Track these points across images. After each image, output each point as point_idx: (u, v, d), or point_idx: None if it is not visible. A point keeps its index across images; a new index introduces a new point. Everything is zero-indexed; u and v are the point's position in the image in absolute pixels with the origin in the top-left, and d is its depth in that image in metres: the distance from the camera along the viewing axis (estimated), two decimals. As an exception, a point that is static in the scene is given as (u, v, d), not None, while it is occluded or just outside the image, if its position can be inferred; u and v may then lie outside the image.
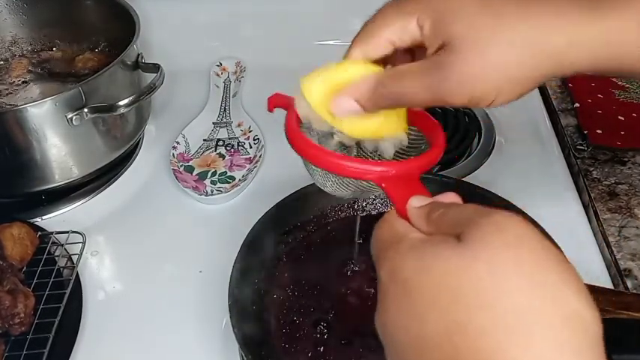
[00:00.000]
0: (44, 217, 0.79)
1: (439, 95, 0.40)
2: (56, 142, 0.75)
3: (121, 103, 0.75)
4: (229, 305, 0.58)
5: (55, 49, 0.96)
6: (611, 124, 0.86)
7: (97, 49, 0.94)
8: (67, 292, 0.66)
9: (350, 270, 0.64)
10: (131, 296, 0.71)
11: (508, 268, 0.29)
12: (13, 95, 0.89)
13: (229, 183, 0.82)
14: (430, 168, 0.44)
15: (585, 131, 0.84)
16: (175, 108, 0.97)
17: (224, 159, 0.87)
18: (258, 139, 0.88)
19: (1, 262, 0.65)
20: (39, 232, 0.72)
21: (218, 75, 1.01)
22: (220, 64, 1.03)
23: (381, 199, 0.72)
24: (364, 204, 0.72)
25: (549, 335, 0.27)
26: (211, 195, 0.81)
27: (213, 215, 0.79)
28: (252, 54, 1.03)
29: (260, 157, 0.85)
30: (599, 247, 0.72)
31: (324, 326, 0.59)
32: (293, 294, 0.63)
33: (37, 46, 0.96)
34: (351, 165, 0.42)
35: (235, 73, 1.02)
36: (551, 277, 0.29)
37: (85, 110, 0.73)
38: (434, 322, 0.29)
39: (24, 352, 0.60)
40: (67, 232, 0.73)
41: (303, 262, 0.66)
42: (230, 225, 0.75)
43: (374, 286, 0.62)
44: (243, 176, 0.83)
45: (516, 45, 0.39)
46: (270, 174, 0.84)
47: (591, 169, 0.80)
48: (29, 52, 0.96)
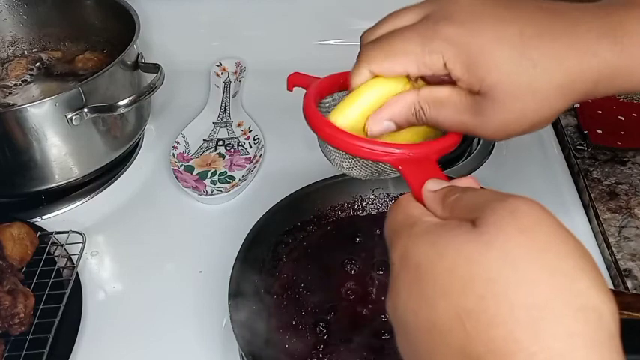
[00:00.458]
0: (44, 217, 0.79)
1: (473, 133, 0.42)
2: (56, 142, 0.75)
3: (121, 103, 0.75)
4: (229, 305, 0.58)
5: (55, 49, 0.96)
6: (611, 124, 0.86)
7: (97, 49, 0.94)
8: (67, 292, 0.66)
9: (350, 270, 0.64)
10: (131, 296, 0.71)
11: (522, 255, 0.28)
12: (12, 95, 0.88)
13: (229, 183, 0.83)
14: (448, 152, 0.44)
15: (585, 131, 0.84)
16: (175, 108, 0.97)
17: (224, 159, 0.87)
18: (258, 139, 0.88)
19: (1, 262, 0.65)
20: (39, 232, 0.72)
21: (218, 75, 1.01)
22: (220, 64, 1.03)
23: (381, 199, 0.72)
24: (364, 204, 0.72)
25: (561, 326, 0.26)
26: (211, 195, 0.81)
27: (213, 215, 0.79)
28: (252, 54, 1.03)
29: (260, 157, 0.85)
30: (599, 247, 0.72)
31: (324, 326, 0.59)
32: (293, 294, 0.63)
33: (37, 46, 0.96)
34: (369, 146, 0.42)
35: (235, 73, 1.02)
36: (566, 265, 0.28)
37: (85, 110, 0.73)
38: (445, 307, 0.29)
39: (24, 352, 0.60)
40: (67, 232, 0.73)
41: (303, 262, 0.66)
42: (230, 225, 0.75)
43: (374, 286, 0.62)
44: (243, 176, 0.83)
45: (550, 92, 0.40)
46: (270, 174, 0.84)
47: (591, 169, 0.80)
48: (29, 52, 0.96)
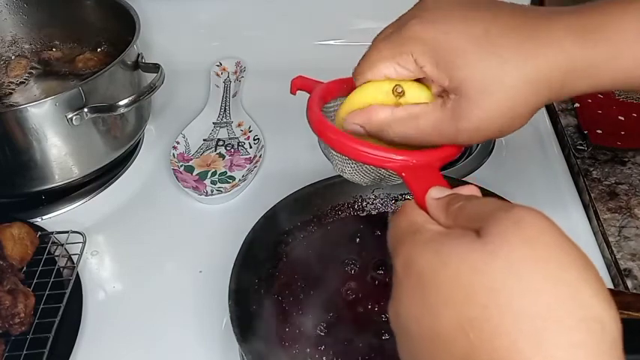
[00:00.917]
0: (44, 217, 0.79)
1: (451, 141, 0.42)
2: (56, 142, 0.75)
3: (121, 103, 0.75)
4: (229, 305, 0.58)
5: (55, 49, 0.96)
6: (611, 124, 0.86)
7: (97, 49, 0.94)
8: (67, 292, 0.66)
9: (350, 270, 0.64)
10: (131, 296, 0.71)
11: (526, 266, 0.28)
12: (13, 95, 0.89)
13: (229, 183, 0.83)
14: (452, 159, 0.44)
15: (585, 131, 0.84)
16: (175, 108, 0.97)
17: (224, 159, 0.87)
18: (258, 139, 0.88)
19: (1, 262, 0.65)
20: (39, 232, 0.72)
21: (218, 75, 1.01)
22: (220, 64, 1.03)
23: (381, 199, 0.72)
24: (364, 204, 0.72)
25: (565, 336, 0.27)
26: (211, 195, 0.81)
27: (213, 215, 0.79)
28: (252, 54, 1.03)
29: (260, 157, 0.85)
30: (599, 247, 0.72)
31: (324, 326, 0.59)
32: (293, 294, 0.63)
33: (37, 46, 0.96)
34: (372, 152, 0.42)
35: (235, 73, 1.02)
36: (570, 276, 0.28)
37: (85, 110, 0.74)
38: (448, 316, 0.29)
39: (24, 352, 0.60)
40: (67, 232, 0.73)
41: (303, 262, 0.66)
42: (230, 225, 0.75)
43: (374, 286, 0.62)
44: (243, 176, 0.83)
45: (521, 87, 0.40)
46: (270, 174, 0.84)
47: (591, 169, 0.80)
48: (29, 52, 0.96)
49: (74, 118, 0.73)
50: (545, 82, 0.40)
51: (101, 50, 0.93)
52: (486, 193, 0.66)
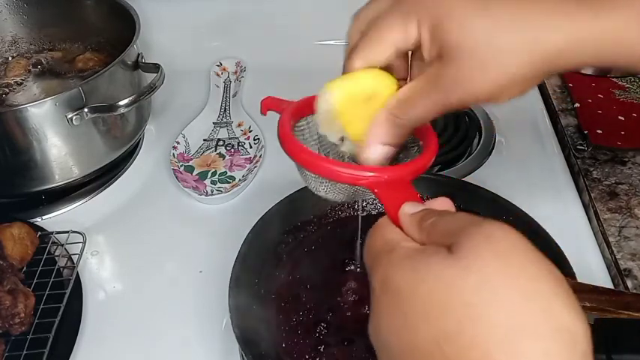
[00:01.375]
0: (44, 217, 0.79)
1: (449, 106, 0.41)
2: (56, 142, 0.75)
3: (121, 103, 0.75)
4: (229, 305, 0.58)
5: (55, 49, 0.96)
6: (611, 124, 0.86)
7: (97, 49, 0.94)
8: (67, 292, 0.66)
9: (350, 270, 0.64)
10: (131, 296, 0.71)
11: (498, 279, 0.29)
12: (13, 95, 0.89)
13: (229, 183, 0.83)
14: (422, 173, 0.44)
15: (585, 131, 0.84)
16: (175, 108, 0.97)
17: (224, 159, 0.87)
18: (258, 139, 0.88)
19: (2, 262, 0.65)
20: (39, 232, 0.72)
21: (218, 75, 1.01)
22: (220, 64, 1.03)
23: (381, 199, 0.72)
24: (364, 204, 0.72)
25: (539, 347, 0.27)
26: (211, 195, 0.81)
27: (213, 215, 0.79)
28: (252, 54, 1.03)
29: (260, 157, 0.85)
30: (599, 247, 0.72)
31: (324, 326, 0.59)
32: (293, 294, 0.63)
33: (37, 46, 0.96)
34: (343, 170, 0.42)
35: (235, 73, 1.02)
36: (541, 289, 0.29)
37: (85, 110, 0.74)
38: (425, 331, 0.30)
39: (24, 352, 0.60)
40: (67, 232, 0.73)
41: (303, 262, 0.66)
42: (230, 225, 0.75)
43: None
44: (243, 176, 0.83)
45: (514, 48, 0.39)
46: (270, 174, 0.84)
47: (591, 169, 0.80)
48: (29, 52, 0.96)
49: (74, 118, 0.73)
50: (539, 47, 0.39)
51: (101, 50, 0.93)
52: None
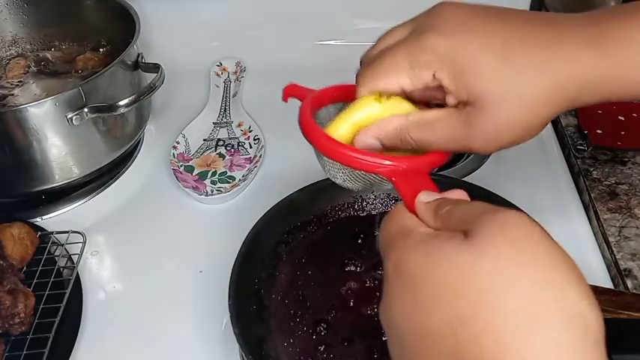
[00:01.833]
0: (44, 217, 0.79)
1: (466, 148, 0.43)
2: (56, 142, 0.75)
3: (121, 103, 0.75)
4: (229, 305, 0.58)
5: (55, 49, 0.96)
6: (612, 124, 0.86)
7: (97, 49, 0.94)
8: (67, 292, 0.66)
9: (350, 270, 0.64)
10: (131, 296, 0.71)
11: (512, 266, 0.29)
12: (13, 95, 0.88)
13: (229, 183, 0.83)
14: (441, 164, 0.45)
15: (585, 131, 0.84)
16: (175, 108, 0.97)
17: (224, 159, 0.87)
18: (258, 139, 0.88)
19: (2, 262, 0.65)
20: (39, 232, 0.72)
21: (218, 75, 1.01)
22: (220, 64, 1.03)
23: (381, 199, 0.72)
24: (364, 204, 0.72)
25: (551, 335, 0.27)
26: (211, 195, 0.81)
27: (213, 215, 0.79)
28: (252, 54, 1.03)
29: (260, 157, 0.85)
30: (599, 247, 0.72)
31: (324, 327, 0.59)
32: (293, 294, 0.63)
33: (37, 46, 0.96)
34: (363, 158, 0.42)
35: (235, 73, 1.02)
36: (554, 277, 0.29)
37: (85, 110, 0.74)
38: (438, 316, 0.30)
39: (24, 352, 0.60)
40: (67, 232, 0.73)
41: (303, 262, 0.66)
42: (230, 225, 0.75)
43: (374, 286, 0.62)
44: (243, 176, 0.83)
45: (536, 99, 0.41)
46: (270, 174, 0.84)
47: (591, 169, 0.80)
48: (29, 52, 0.96)
49: (74, 118, 0.73)
50: (561, 93, 0.41)
51: (101, 50, 0.93)
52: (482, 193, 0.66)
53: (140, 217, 0.80)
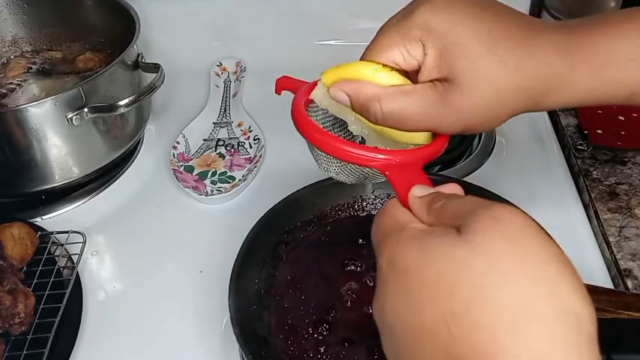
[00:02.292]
0: (44, 217, 0.79)
1: (431, 126, 0.43)
2: (56, 142, 0.75)
3: (121, 103, 0.75)
4: (229, 305, 0.58)
5: (55, 49, 0.96)
6: (612, 124, 0.86)
7: (98, 49, 0.94)
8: (67, 292, 0.66)
9: (350, 270, 0.64)
10: (131, 296, 0.71)
11: (506, 261, 0.29)
12: (12, 95, 0.88)
13: (229, 183, 0.83)
14: (434, 159, 0.45)
15: (585, 131, 0.84)
16: (175, 108, 0.97)
17: (224, 159, 0.87)
18: (258, 139, 0.88)
19: (2, 262, 0.65)
20: (39, 232, 0.72)
21: (218, 75, 1.01)
22: (220, 64, 1.03)
23: (382, 199, 0.72)
24: (364, 204, 0.72)
25: (544, 329, 0.27)
26: (211, 195, 0.81)
27: (213, 215, 0.79)
28: (252, 54, 1.03)
29: (260, 157, 0.85)
30: (599, 247, 0.72)
31: (324, 327, 0.59)
32: (293, 294, 0.63)
33: (37, 46, 0.96)
34: (356, 152, 0.42)
35: (235, 73, 1.02)
36: (548, 272, 0.29)
37: (85, 110, 0.74)
38: (431, 311, 0.30)
39: (24, 352, 0.60)
40: (67, 232, 0.73)
41: (303, 262, 0.66)
42: (230, 225, 0.75)
43: (374, 286, 0.62)
44: (243, 176, 0.83)
45: (509, 91, 0.42)
46: (270, 174, 0.84)
47: (591, 169, 0.80)
48: (29, 52, 0.96)
49: (74, 118, 0.73)
50: (530, 90, 0.42)
51: (101, 50, 0.93)
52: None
53: (140, 217, 0.80)
